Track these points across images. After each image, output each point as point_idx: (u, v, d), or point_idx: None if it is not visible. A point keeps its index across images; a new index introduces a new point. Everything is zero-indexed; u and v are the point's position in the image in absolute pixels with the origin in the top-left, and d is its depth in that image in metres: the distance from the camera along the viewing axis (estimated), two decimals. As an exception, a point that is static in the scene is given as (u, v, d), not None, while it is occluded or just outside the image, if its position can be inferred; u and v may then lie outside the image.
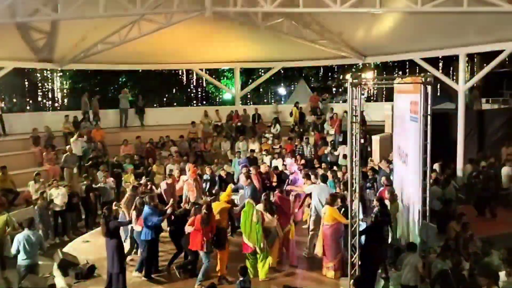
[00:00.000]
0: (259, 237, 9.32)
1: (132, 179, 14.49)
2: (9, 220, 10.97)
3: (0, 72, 19.29)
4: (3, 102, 20.52)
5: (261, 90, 38.09)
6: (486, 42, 16.40)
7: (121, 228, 9.94)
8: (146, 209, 9.52)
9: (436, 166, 14.12)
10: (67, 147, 16.80)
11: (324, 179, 11.37)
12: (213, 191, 13.26)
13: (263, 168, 13.33)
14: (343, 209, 9.66)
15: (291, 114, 21.23)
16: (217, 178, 14.16)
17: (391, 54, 20.91)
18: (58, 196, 13.04)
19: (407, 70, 36.06)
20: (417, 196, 9.17)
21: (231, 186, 11.57)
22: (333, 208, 9.46)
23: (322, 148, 17.80)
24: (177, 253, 10.08)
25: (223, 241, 9.58)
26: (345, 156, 15.25)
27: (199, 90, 38.82)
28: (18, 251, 9.29)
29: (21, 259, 9.33)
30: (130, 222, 9.87)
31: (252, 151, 17.23)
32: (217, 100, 37.76)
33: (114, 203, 10.60)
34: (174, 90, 36.10)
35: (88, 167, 16.07)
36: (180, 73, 36.17)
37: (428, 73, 10.08)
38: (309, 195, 11.02)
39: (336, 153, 17.10)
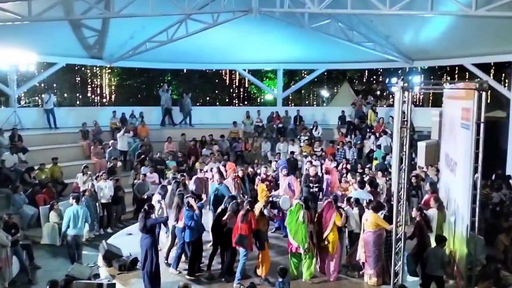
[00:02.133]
0: (304, 237, 9.27)
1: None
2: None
3: (53, 68, 20.12)
4: (55, 97, 21.24)
5: (303, 91, 37.92)
6: (542, 48, 15.75)
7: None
8: (186, 210, 9.57)
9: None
10: (111, 142, 17.28)
11: (362, 185, 11.28)
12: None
13: (311, 171, 13.17)
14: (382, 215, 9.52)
15: (366, 116, 20.62)
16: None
17: (441, 59, 20.36)
18: (106, 188, 13.41)
19: (455, 76, 35.04)
20: (465, 207, 8.87)
21: (263, 186, 11.55)
22: (376, 214, 9.29)
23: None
24: (213, 252, 10.08)
25: (263, 242, 9.56)
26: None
27: (241, 90, 39.06)
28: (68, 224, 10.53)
29: (69, 230, 10.55)
30: (167, 219, 9.94)
31: (292, 153, 17.16)
32: (259, 101, 37.85)
33: (156, 200, 10.78)
34: (217, 90, 36.40)
35: (138, 162, 16.43)
36: (223, 73, 36.49)
37: (481, 79, 9.74)
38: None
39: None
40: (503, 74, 30.62)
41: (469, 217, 8.58)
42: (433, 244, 8.97)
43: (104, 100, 35.37)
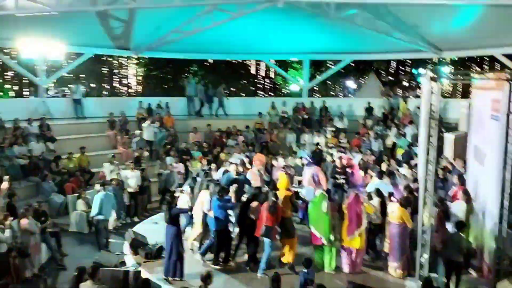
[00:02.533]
0: (327, 228, 9.25)
1: (200, 165, 14.78)
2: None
3: (80, 58, 20.45)
4: (82, 87, 21.59)
5: (329, 82, 37.65)
6: None
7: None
8: (215, 200, 9.64)
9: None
10: (137, 132, 17.50)
11: (381, 175, 11.28)
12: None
13: (338, 163, 13.12)
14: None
15: (398, 107, 20.32)
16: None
17: (470, 49, 19.87)
18: (133, 178, 13.60)
19: (484, 66, 34.25)
20: (494, 199, 8.70)
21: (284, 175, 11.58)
22: (403, 209, 9.19)
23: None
24: (238, 244, 10.21)
25: (291, 230, 9.59)
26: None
27: (266, 81, 39.02)
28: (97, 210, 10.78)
29: (98, 215, 10.74)
30: (191, 209, 10.01)
31: (317, 144, 17.06)
32: (284, 91, 37.76)
33: (179, 189, 10.91)
34: (243, 80, 36.47)
35: (164, 152, 16.61)
36: (249, 64, 36.49)
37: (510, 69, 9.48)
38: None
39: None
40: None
41: (498, 209, 8.43)
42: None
43: (131, 90, 35.83)
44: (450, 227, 9.29)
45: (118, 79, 35.63)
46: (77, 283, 7.08)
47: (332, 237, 9.33)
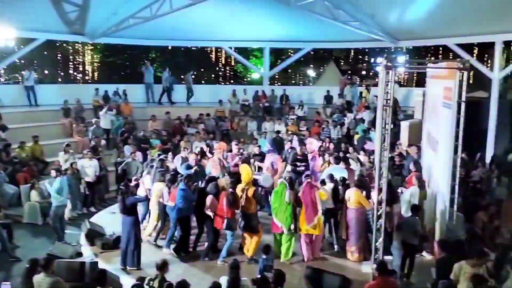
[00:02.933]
0: (289, 217, 9.31)
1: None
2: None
3: (32, 44, 19.67)
4: (35, 73, 20.83)
5: (289, 71, 37.86)
6: (524, 30, 15.84)
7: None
8: (180, 188, 9.53)
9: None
10: (94, 120, 17.09)
11: (338, 160, 11.44)
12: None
13: (299, 150, 13.29)
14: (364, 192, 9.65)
15: (360, 96, 20.34)
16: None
17: (425, 39, 20.36)
18: (90, 167, 13.28)
19: (439, 56, 35.24)
20: (445, 184, 9.01)
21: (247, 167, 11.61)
22: (359, 192, 9.39)
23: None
24: (198, 234, 10.14)
25: (255, 226, 9.57)
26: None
27: (227, 68, 38.84)
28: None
29: (54, 201, 10.64)
30: (147, 198, 9.89)
31: (278, 132, 17.16)
32: (245, 79, 37.70)
33: (134, 178, 10.72)
34: (202, 68, 36.14)
35: (121, 141, 16.30)
36: (209, 51, 36.18)
37: (463, 58, 9.78)
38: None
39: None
40: (486, 55, 30.85)
41: (449, 194, 8.73)
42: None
43: (87, 77, 34.91)
44: (403, 210, 9.57)
45: (73, 66, 34.54)
46: (29, 275, 6.88)
47: (292, 227, 9.38)
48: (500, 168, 14.00)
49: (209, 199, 9.62)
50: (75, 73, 34.76)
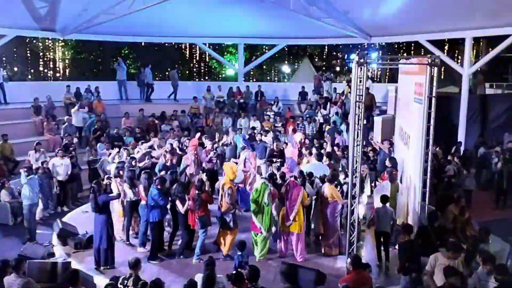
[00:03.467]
0: (267, 219, 9.20)
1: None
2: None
3: (1, 40, 19.16)
4: (4, 71, 20.33)
5: (264, 67, 37.87)
6: (493, 26, 16.24)
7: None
8: (153, 190, 9.34)
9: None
10: (65, 117, 16.80)
11: (319, 157, 11.43)
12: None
13: (275, 146, 13.37)
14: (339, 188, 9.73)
15: (343, 93, 20.36)
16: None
17: (397, 35, 20.67)
18: (62, 166, 13.04)
19: (412, 52, 35.75)
20: (417, 178, 9.17)
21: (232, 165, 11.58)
22: (332, 186, 9.46)
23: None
24: (173, 232, 10.08)
25: (230, 224, 9.48)
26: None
27: (202, 65, 38.61)
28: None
29: (25, 200, 10.55)
30: (119, 196, 9.69)
31: (253, 128, 17.17)
32: (220, 75, 37.56)
33: (106, 177, 10.55)
34: (176, 64, 35.84)
35: (93, 139, 16.06)
36: (183, 47, 35.89)
37: (433, 55, 9.94)
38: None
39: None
40: (457, 51, 31.48)
41: (421, 188, 8.89)
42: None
43: (58, 74, 34.19)
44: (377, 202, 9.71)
45: (44, 62, 33.78)
46: (0, 276, 6.73)
47: (274, 229, 9.33)
48: (470, 161, 14.37)
49: (186, 204, 9.50)
50: (46, 70, 33.98)
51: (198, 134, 14.70)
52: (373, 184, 11.86)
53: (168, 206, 9.80)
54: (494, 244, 8.57)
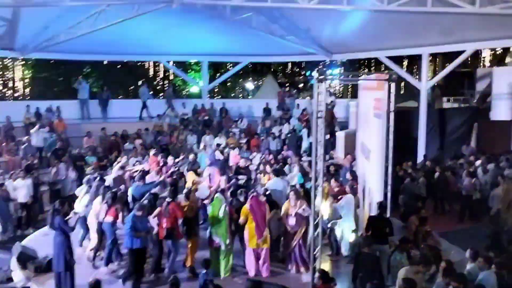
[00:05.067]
0: (225, 232, 9.18)
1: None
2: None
3: (-43, 59, 18.65)
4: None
5: (228, 84, 38.07)
6: (449, 42, 16.93)
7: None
8: (133, 215, 8.83)
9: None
10: (25, 138, 16.41)
11: (277, 172, 11.47)
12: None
13: (242, 163, 13.31)
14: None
15: (298, 107, 21.02)
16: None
17: (357, 52, 21.24)
18: (22, 187, 12.67)
19: (372, 68, 36.71)
20: (379, 191, 9.37)
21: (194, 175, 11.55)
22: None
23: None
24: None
25: (193, 230, 9.47)
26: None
27: (165, 82, 38.47)
28: None
29: None
30: (73, 229, 8.87)
31: (218, 145, 17.15)
32: (184, 93, 37.50)
33: (72, 212, 10.21)
34: (140, 82, 35.62)
35: (54, 159, 15.68)
36: (146, 65, 35.71)
37: (392, 71, 10.27)
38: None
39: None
40: (415, 66, 32.53)
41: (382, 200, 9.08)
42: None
43: (17, 94, 33.36)
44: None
45: (2, 82, 32.93)
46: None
47: (228, 241, 9.25)
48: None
49: (156, 211, 9.40)
50: (5, 90, 33.13)
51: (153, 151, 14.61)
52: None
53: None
54: (455, 254, 8.85)
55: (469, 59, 23.58)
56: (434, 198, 14.03)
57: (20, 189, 12.68)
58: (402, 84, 27.43)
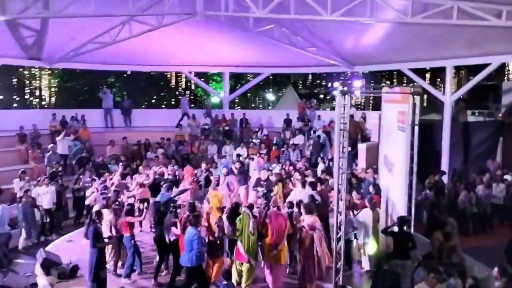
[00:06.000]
0: (253, 248, 8.93)
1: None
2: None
3: (-13, 69, 19.17)
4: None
5: (249, 95, 38.25)
6: (474, 55, 16.69)
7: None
8: (192, 230, 8.63)
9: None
10: (50, 146, 16.72)
11: (304, 184, 11.40)
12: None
13: (263, 175, 13.11)
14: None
15: (319, 118, 21.06)
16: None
17: (380, 64, 21.13)
18: (47, 194, 12.92)
19: (394, 80, 36.46)
20: (402, 206, 9.26)
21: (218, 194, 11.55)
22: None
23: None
24: (160, 262, 9.94)
25: (220, 250, 9.43)
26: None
27: (187, 92, 38.88)
28: None
29: None
30: (98, 242, 8.72)
31: (239, 155, 17.22)
32: (205, 103, 37.79)
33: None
34: (162, 92, 36.08)
35: (78, 167, 15.96)
36: (169, 76, 36.15)
37: (416, 83, 10.20)
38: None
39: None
40: (438, 79, 32.19)
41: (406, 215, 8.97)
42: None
43: (43, 102, 34.14)
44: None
45: (30, 91, 33.73)
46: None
47: (259, 257, 9.09)
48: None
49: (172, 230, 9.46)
50: (32, 98, 33.92)
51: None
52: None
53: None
54: (479, 271, 8.66)
55: (495, 72, 23.20)
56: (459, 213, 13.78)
57: (44, 196, 12.96)
58: (425, 96, 27.15)
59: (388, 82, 36.99)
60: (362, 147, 15.56)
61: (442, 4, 12.20)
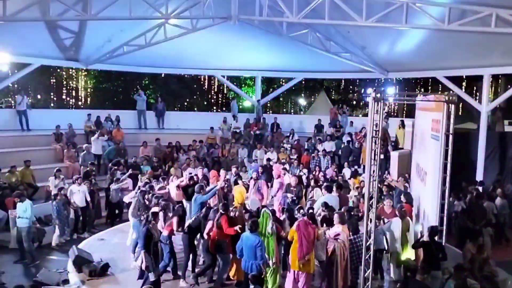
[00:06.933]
0: (272, 250, 8.88)
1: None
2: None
3: (27, 69, 19.82)
4: (28, 98, 20.90)
5: (281, 99, 38.20)
6: (511, 64, 16.22)
7: None
8: (253, 237, 8.62)
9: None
10: (85, 145, 17.10)
11: (329, 189, 11.33)
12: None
13: (293, 181, 12.89)
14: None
15: (351, 124, 20.99)
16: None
17: (414, 71, 20.79)
18: (80, 193, 13.23)
19: (429, 88, 35.79)
20: (433, 215, 9.08)
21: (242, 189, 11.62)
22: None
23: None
24: (193, 259, 9.97)
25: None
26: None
27: (219, 96, 39.12)
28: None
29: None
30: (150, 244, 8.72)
31: (269, 159, 17.22)
32: (230, 105, 38.01)
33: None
34: (195, 95, 36.42)
35: (112, 167, 16.25)
36: (201, 79, 36.49)
37: (451, 91, 9.99)
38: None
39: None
40: (475, 87, 31.39)
41: (438, 225, 8.79)
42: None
43: (79, 102, 35.01)
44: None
45: (67, 91, 34.67)
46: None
47: (274, 260, 8.89)
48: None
49: (209, 224, 9.54)
50: (68, 99, 34.84)
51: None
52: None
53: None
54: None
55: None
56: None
57: (76, 194, 13.26)
58: (460, 105, 26.55)
59: (423, 89, 36.30)
60: (394, 155, 15.33)
61: (480, 11, 11.90)
